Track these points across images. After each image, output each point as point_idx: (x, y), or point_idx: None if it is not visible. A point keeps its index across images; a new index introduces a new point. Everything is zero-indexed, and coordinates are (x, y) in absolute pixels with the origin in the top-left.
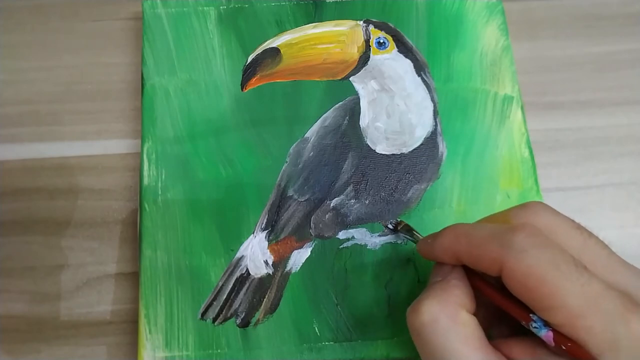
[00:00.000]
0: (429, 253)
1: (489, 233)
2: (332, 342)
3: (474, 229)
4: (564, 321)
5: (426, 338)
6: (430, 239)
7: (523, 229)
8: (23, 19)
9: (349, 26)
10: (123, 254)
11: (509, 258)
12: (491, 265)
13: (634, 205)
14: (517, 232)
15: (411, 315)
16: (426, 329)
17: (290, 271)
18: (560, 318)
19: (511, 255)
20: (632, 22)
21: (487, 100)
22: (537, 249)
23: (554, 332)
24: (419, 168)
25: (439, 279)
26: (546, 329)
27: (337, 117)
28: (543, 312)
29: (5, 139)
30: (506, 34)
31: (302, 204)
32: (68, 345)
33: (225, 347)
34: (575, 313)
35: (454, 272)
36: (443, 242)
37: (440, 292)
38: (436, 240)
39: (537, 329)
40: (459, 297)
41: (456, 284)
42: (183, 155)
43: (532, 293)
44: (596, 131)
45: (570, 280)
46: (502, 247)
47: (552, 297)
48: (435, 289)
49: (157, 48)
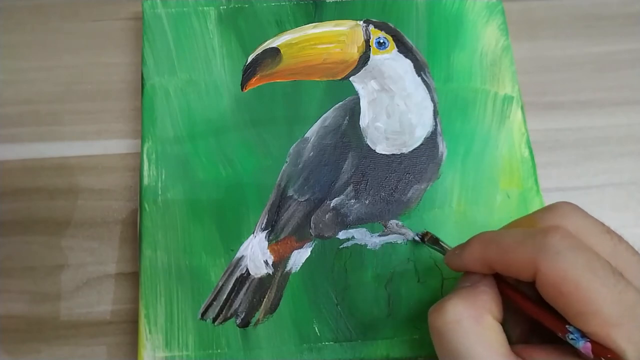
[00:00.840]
0: (458, 264)
1: (521, 237)
2: (332, 342)
3: (503, 235)
4: (598, 329)
5: (447, 338)
6: (458, 250)
7: (556, 231)
8: (23, 19)
9: (349, 26)
10: (123, 254)
11: (544, 261)
12: (524, 270)
13: (634, 205)
14: (551, 234)
15: (434, 314)
16: (448, 328)
17: (290, 271)
18: (594, 325)
19: (546, 257)
20: (632, 22)
21: (487, 100)
22: (572, 251)
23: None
24: (419, 168)
25: (468, 284)
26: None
27: (337, 117)
28: (577, 318)
29: (5, 139)
30: (506, 34)
31: (302, 204)
32: (68, 345)
33: (225, 347)
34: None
35: (484, 280)
36: (472, 252)
37: (467, 294)
38: (464, 250)
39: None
40: (486, 302)
41: (485, 290)
42: (183, 155)
43: (566, 298)
44: (596, 131)
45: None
46: (535, 250)
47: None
48: (462, 292)
49: (157, 48)
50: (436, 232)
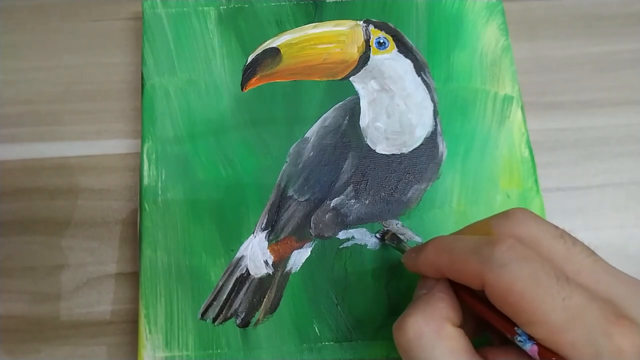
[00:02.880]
0: (413, 266)
1: (470, 247)
2: (332, 342)
3: (456, 243)
4: (546, 336)
5: (412, 354)
6: (415, 253)
7: (503, 242)
8: (23, 19)
9: (349, 26)
10: (123, 254)
11: (489, 273)
12: (473, 280)
13: (634, 205)
14: (497, 246)
15: (397, 331)
16: (412, 344)
17: (290, 271)
18: (542, 333)
19: (491, 270)
20: (632, 22)
21: (487, 100)
22: (517, 263)
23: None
24: (419, 168)
25: (424, 291)
26: (531, 342)
27: (337, 117)
28: (525, 326)
29: (5, 139)
30: (506, 34)
31: (302, 204)
32: (68, 345)
33: (225, 347)
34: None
35: (438, 285)
36: (427, 257)
37: (425, 306)
38: (420, 254)
39: (522, 343)
40: (443, 311)
41: (441, 296)
42: (183, 155)
43: (513, 308)
44: (596, 131)
45: (550, 294)
46: (482, 261)
47: (533, 313)
48: (420, 304)
49: (157, 48)
50: (436, 233)
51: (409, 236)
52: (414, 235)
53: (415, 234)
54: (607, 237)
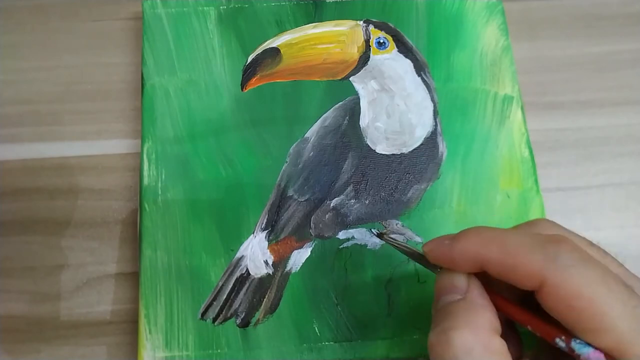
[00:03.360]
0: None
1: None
2: (332, 342)
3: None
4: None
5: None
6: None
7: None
8: (23, 19)
9: (349, 26)
10: (123, 254)
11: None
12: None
13: (634, 205)
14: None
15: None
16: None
17: (290, 271)
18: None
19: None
20: (632, 22)
21: (487, 100)
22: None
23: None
24: (419, 168)
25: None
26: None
27: (337, 117)
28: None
29: (5, 139)
30: (506, 34)
31: (302, 204)
32: (68, 345)
33: (225, 347)
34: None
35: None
36: (468, 247)
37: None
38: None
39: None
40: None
41: (482, 304)
42: (183, 155)
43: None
44: (596, 131)
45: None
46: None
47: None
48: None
49: (157, 48)
50: (436, 232)
51: (408, 236)
52: (414, 235)
53: (415, 234)
54: (607, 237)
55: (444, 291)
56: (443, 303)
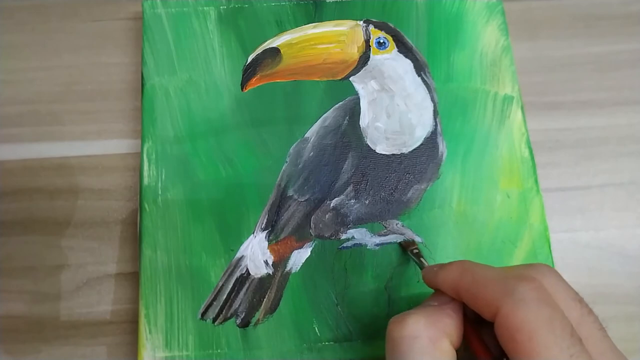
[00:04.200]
0: (432, 280)
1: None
2: (332, 342)
3: (482, 268)
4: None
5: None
6: (437, 268)
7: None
8: (23, 19)
9: (349, 26)
10: (123, 254)
11: (507, 304)
12: (487, 307)
13: (634, 205)
14: (524, 282)
15: (394, 324)
16: (405, 342)
17: (290, 271)
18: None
19: (509, 301)
20: (632, 22)
21: (487, 100)
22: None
23: None
24: (419, 168)
25: (435, 303)
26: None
27: (337, 117)
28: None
29: (5, 139)
30: (506, 34)
31: (302, 204)
32: (68, 345)
33: (225, 347)
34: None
35: (451, 303)
36: (449, 274)
37: (431, 313)
38: (443, 270)
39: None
40: (447, 326)
41: (450, 313)
42: (183, 155)
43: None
44: (596, 131)
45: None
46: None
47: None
48: (427, 310)
49: (157, 48)
50: (436, 232)
51: (408, 236)
52: (414, 235)
53: (415, 234)
54: (607, 237)
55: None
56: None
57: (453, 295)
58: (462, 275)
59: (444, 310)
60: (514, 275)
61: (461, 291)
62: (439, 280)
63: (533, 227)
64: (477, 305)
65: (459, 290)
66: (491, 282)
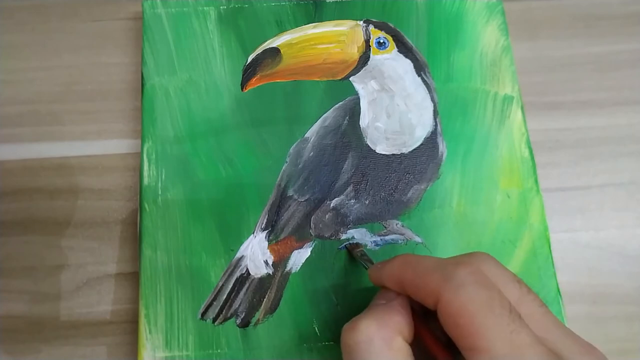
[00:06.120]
0: (378, 278)
1: (434, 265)
2: (332, 342)
3: (421, 260)
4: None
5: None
6: (380, 265)
7: (467, 265)
8: (23, 19)
9: (349, 26)
10: (123, 254)
11: (446, 290)
12: (429, 296)
13: (634, 205)
14: (460, 267)
15: (347, 332)
16: (359, 347)
17: (290, 271)
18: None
19: (449, 288)
20: (632, 22)
21: (487, 100)
22: (475, 286)
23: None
24: (419, 168)
25: (383, 302)
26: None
27: (337, 117)
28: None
29: (5, 139)
30: (506, 34)
31: (302, 204)
32: (68, 345)
33: (225, 347)
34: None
35: (398, 299)
36: (392, 269)
37: (381, 314)
38: (385, 267)
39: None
40: (397, 323)
41: (398, 310)
42: (183, 155)
43: (461, 330)
44: (596, 131)
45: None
46: (442, 279)
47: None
48: (376, 311)
49: (157, 48)
50: (436, 233)
51: (408, 236)
52: (414, 235)
53: (415, 234)
54: (607, 237)
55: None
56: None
57: (398, 290)
58: (404, 269)
59: (392, 308)
60: (452, 262)
61: (405, 285)
62: (383, 276)
63: (533, 227)
64: (420, 296)
65: (402, 284)
66: (431, 272)
